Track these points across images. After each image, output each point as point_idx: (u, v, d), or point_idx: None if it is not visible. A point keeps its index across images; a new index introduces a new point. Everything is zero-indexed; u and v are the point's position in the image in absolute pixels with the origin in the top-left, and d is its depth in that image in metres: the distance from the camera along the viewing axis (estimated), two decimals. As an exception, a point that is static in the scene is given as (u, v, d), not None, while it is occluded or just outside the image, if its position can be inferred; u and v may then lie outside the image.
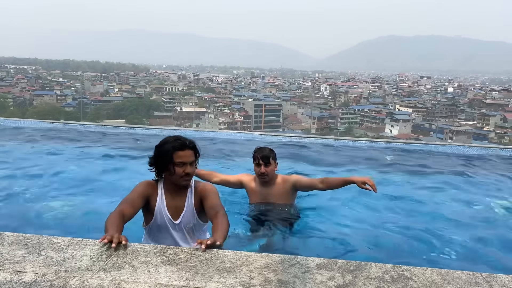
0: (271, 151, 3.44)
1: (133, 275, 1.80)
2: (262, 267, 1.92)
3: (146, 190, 2.51)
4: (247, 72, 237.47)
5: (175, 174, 2.44)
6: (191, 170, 2.46)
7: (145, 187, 2.52)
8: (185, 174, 2.44)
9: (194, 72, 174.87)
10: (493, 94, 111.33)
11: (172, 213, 2.52)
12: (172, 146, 2.43)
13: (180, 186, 2.51)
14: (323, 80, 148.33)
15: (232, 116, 77.11)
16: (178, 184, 2.50)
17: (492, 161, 6.94)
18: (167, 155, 2.43)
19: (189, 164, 2.45)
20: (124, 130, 9.03)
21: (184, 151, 2.43)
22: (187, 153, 2.44)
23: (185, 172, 2.43)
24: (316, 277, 1.84)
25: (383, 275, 1.88)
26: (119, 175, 5.28)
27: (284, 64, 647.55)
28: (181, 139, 2.48)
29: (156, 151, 2.51)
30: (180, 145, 2.44)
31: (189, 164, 2.45)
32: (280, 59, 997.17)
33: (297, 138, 8.36)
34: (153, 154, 2.53)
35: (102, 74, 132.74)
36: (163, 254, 2.01)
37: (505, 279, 1.90)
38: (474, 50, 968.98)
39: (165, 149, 2.44)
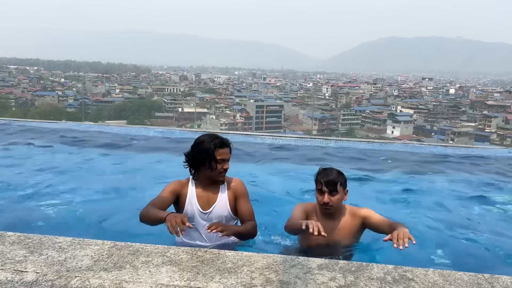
0: (339, 174, 2.68)
1: (134, 275, 1.80)
2: (263, 267, 1.91)
3: (175, 187, 2.67)
4: (249, 73, 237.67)
5: (216, 170, 2.59)
6: (227, 165, 2.64)
7: (174, 185, 2.68)
8: (223, 170, 2.61)
9: (195, 73, 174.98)
10: (495, 96, 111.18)
11: (202, 204, 2.65)
12: (213, 144, 2.58)
13: (215, 181, 2.67)
14: (324, 81, 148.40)
15: (233, 117, 77.13)
16: (215, 180, 2.66)
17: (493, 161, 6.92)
18: (208, 152, 2.57)
19: (227, 161, 2.63)
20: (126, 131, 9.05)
21: (223, 148, 2.60)
22: (226, 151, 2.61)
23: (223, 168, 2.60)
24: (318, 278, 1.84)
25: (385, 276, 1.88)
26: (122, 175, 5.29)
27: (286, 65, 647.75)
28: (219, 137, 2.63)
29: (195, 149, 2.62)
30: (220, 143, 2.59)
31: (227, 161, 2.63)
32: (281, 60, 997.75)
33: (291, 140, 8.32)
34: (190, 152, 2.65)
35: (104, 74, 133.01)
36: (164, 254, 2.01)
37: (507, 280, 1.89)
38: (476, 51, 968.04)
39: (205, 147, 2.58)
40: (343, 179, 2.67)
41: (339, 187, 2.62)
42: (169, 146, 7.32)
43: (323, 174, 2.64)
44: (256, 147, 7.54)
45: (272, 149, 7.40)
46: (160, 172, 5.42)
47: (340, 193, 2.63)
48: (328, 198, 2.59)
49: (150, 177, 5.22)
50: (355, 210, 2.77)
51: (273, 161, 6.48)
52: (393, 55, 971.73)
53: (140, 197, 3.88)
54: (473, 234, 3.54)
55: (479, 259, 3.08)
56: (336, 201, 2.63)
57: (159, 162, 6.22)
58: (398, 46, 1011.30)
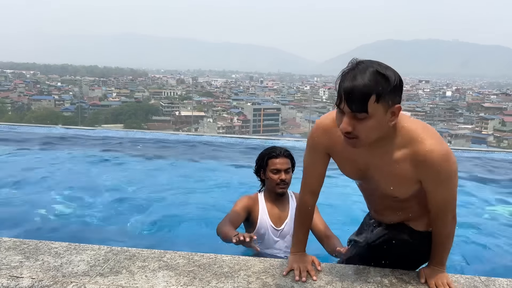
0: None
1: (131, 280, 1.79)
2: (260, 271, 1.91)
3: (247, 203, 2.66)
4: (246, 76, 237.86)
5: (271, 180, 2.60)
6: (286, 177, 2.59)
7: (246, 200, 2.68)
8: (280, 180, 2.57)
9: (192, 76, 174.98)
10: (492, 98, 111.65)
11: (274, 220, 2.64)
12: (267, 153, 2.62)
13: (277, 194, 2.64)
14: (321, 84, 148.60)
15: (230, 120, 77.17)
16: (275, 192, 2.64)
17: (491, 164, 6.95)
18: (262, 162, 2.63)
19: (284, 171, 2.58)
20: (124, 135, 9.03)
21: (278, 158, 2.58)
22: (281, 161, 2.58)
23: (280, 178, 2.57)
24: (314, 282, 1.83)
25: (382, 279, 1.88)
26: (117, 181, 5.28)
27: (283, 68, 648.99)
28: (276, 147, 2.65)
29: (256, 160, 2.70)
30: (274, 152, 2.61)
31: (284, 171, 2.58)
32: (278, 63, 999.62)
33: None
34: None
35: (101, 78, 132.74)
36: (160, 259, 2.00)
37: (504, 283, 1.89)
38: (472, 54, 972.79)
39: (260, 157, 2.66)
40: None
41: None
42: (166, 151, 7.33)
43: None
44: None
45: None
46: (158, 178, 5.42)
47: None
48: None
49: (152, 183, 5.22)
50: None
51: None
52: (390, 58, 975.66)
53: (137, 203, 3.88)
54: (470, 237, 3.55)
55: (476, 261, 3.09)
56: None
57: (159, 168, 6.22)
58: (395, 48, 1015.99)
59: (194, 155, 7.04)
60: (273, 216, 2.63)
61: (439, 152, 1.56)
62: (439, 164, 1.57)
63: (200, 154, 7.07)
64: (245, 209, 2.61)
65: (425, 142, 1.56)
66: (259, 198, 2.67)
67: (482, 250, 3.24)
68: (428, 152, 1.55)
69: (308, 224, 2.03)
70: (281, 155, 2.59)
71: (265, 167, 2.60)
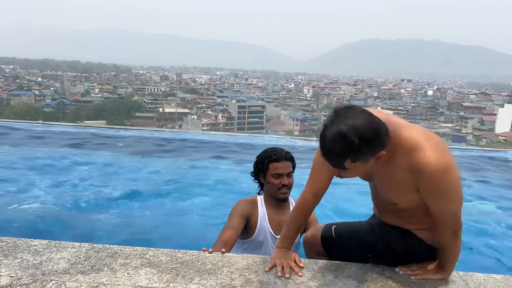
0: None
1: (112, 278, 1.77)
2: (243, 268, 1.92)
3: (245, 209, 2.46)
4: (230, 73, 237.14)
5: (272, 185, 2.43)
6: (288, 181, 2.44)
7: (243, 206, 2.47)
8: (282, 185, 2.42)
9: (176, 73, 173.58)
10: (471, 97, 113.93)
11: (274, 228, 2.47)
12: (267, 156, 2.44)
13: (279, 199, 2.48)
14: (306, 82, 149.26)
15: (215, 118, 76.83)
16: (277, 197, 2.47)
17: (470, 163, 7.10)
18: (262, 166, 2.45)
19: (286, 175, 2.43)
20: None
21: (280, 162, 2.42)
22: (283, 165, 2.42)
23: (282, 183, 2.41)
24: (297, 278, 1.85)
25: (363, 275, 1.90)
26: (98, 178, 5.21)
27: (268, 66, 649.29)
28: (277, 150, 2.47)
29: (254, 163, 2.51)
30: (276, 156, 2.43)
31: (286, 176, 2.43)
32: (263, 61, 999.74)
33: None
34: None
35: (83, 74, 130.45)
36: (143, 256, 1.99)
37: (481, 278, 1.94)
38: (453, 54, 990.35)
39: (260, 160, 2.47)
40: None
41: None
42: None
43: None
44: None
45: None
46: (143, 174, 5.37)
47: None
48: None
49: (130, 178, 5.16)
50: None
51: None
52: (373, 57, 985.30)
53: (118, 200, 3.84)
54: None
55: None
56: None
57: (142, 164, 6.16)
58: (379, 47, 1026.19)
59: (178, 152, 7.00)
60: (273, 223, 2.45)
61: (437, 163, 1.55)
62: (435, 176, 1.55)
63: (183, 151, 7.03)
64: (243, 217, 2.42)
65: (424, 153, 1.56)
66: (259, 202, 2.50)
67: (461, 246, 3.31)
68: (425, 163, 1.55)
69: (301, 223, 2.01)
70: (282, 158, 2.42)
71: (265, 171, 2.43)
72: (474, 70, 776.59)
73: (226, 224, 2.39)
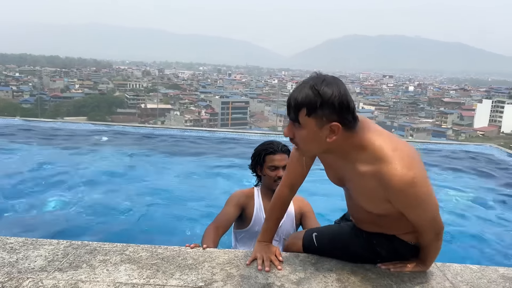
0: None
1: (91, 274, 1.75)
2: (224, 262, 1.91)
3: (240, 199, 2.52)
4: (214, 68, 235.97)
5: (268, 177, 2.49)
6: (283, 173, 2.44)
7: (239, 197, 2.53)
8: (278, 177, 2.46)
9: (158, 68, 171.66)
10: (451, 93, 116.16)
11: None
12: (264, 149, 2.50)
13: (275, 191, 2.48)
14: (289, 78, 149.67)
15: (198, 114, 76.44)
16: (273, 189, 2.47)
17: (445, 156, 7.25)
18: (259, 158, 2.51)
19: (282, 168, 2.47)
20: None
21: (276, 155, 2.47)
22: (279, 157, 2.47)
23: (277, 175, 2.46)
24: (278, 271, 1.85)
25: (344, 267, 1.92)
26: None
27: (251, 61, 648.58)
28: (273, 143, 2.53)
29: (252, 156, 2.57)
30: (272, 148, 2.49)
31: (282, 168, 2.46)
32: (246, 56, 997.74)
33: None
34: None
35: (62, 69, 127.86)
36: (123, 253, 1.96)
37: (458, 268, 1.99)
38: (433, 50, 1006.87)
39: (257, 153, 2.53)
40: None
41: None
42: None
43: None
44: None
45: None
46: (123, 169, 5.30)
47: None
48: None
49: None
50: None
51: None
52: (356, 53, 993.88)
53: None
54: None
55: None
56: None
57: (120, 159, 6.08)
58: (361, 44, 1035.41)
59: (158, 147, 6.94)
60: None
61: (403, 177, 1.49)
62: (403, 189, 1.51)
63: (164, 147, 6.98)
64: (238, 206, 2.48)
65: (390, 165, 1.51)
66: (255, 194, 2.56)
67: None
68: (391, 176, 1.50)
69: (279, 216, 2.04)
70: (278, 151, 2.49)
71: (262, 164, 2.50)
72: (453, 66, 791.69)
73: (221, 211, 2.45)
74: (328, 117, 1.49)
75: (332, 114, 1.48)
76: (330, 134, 1.52)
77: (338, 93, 1.47)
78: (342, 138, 1.53)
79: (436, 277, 1.89)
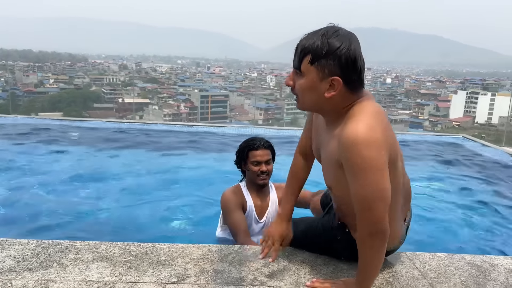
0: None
1: (62, 274, 1.72)
2: (198, 258, 1.92)
3: (236, 200, 2.59)
4: (192, 62, 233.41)
5: (252, 172, 2.57)
6: (266, 168, 2.57)
7: (235, 197, 2.59)
8: (261, 172, 2.56)
9: (136, 62, 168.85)
10: (427, 85, 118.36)
11: (258, 212, 2.63)
12: (247, 145, 2.58)
13: (258, 185, 2.61)
14: (269, 71, 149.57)
15: (177, 108, 75.68)
16: (257, 183, 2.61)
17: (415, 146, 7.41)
18: (242, 154, 2.59)
19: (264, 162, 2.57)
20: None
21: (258, 150, 2.56)
22: (262, 152, 2.56)
23: (260, 170, 2.56)
24: (252, 265, 1.87)
25: (316, 259, 1.95)
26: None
27: (230, 54, 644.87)
28: (256, 139, 2.61)
29: (236, 152, 2.65)
30: (254, 144, 2.57)
31: (265, 163, 2.57)
32: (225, 49, 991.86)
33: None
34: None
35: (36, 64, 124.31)
36: (95, 251, 1.94)
37: (426, 257, 2.04)
38: (410, 43, 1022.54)
39: (241, 149, 2.61)
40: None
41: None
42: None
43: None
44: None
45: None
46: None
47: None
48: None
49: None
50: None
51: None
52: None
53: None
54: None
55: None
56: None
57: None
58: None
59: (135, 142, 6.85)
60: (257, 208, 2.63)
61: (357, 132, 1.36)
62: (352, 145, 1.36)
63: (139, 142, 6.89)
64: (240, 207, 2.57)
65: (353, 123, 1.41)
66: (244, 191, 2.64)
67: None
68: (346, 133, 1.39)
69: (295, 186, 1.93)
70: (261, 146, 2.57)
71: (245, 159, 2.58)
72: (429, 58, 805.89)
73: (233, 220, 2.51)
74: (331, 70, 1.41)
75: (336, 67, 1.41)
76: (329, 89, 1.44)
77: (347, 47, 1.40)
78: (340, 97, 1.45)
79: (405, 265, 1.94)
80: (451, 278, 1.84)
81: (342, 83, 1.42)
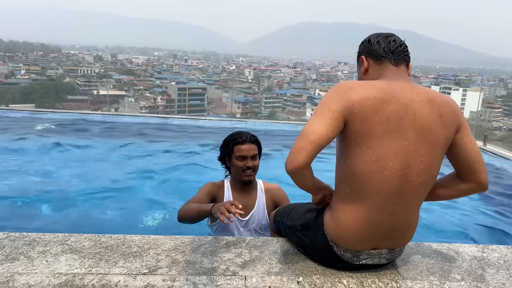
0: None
1: (29, 266, 1.69)
2: (170, 249, 1.91)
3: (211, 189, 2.50)
4: (169, 54, 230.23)
5: (236, 167, 2.45)
6: (252, 163, 2.46)
7: (210, 187, 2.51)
8: (246, 168, 2.44)
9: (111, 53, 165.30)
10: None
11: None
12: (232, 139, 2.46)
13: (244, 182, 2.49)
14: (247, 64, 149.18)
15: (154, 100, 74.63)
16: (242, 180, 2.48)
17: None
18: (227, 149, 2.47)
19: (250, 157, 2.45)
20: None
21: (244, 144, 2.44)
22: (248, 147, 2.45)
23: (246, 165, 2.43)
24: (224, 255, 1.88)
25: (288, 249, 1.98)
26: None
27: (207, 46, 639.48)
28: (242, 133, 2.50)
29: (220, 147, 2.54)
30: (240, 138, 2.46)
31: (250, 158, 2.45)
32: (202, 41, 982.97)
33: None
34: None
35: (6, 53, 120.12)
36: (64, 243, 1.91)
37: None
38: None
39: (225, 144, 2.49)
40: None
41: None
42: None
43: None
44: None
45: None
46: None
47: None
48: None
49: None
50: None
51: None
52: (311, 40, 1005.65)
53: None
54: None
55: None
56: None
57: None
58: (317, 30, 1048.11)
59: (110, 134, 6.74)
60: None
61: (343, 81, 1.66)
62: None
63: (115, 134, 6.79)
64: (209, 195, 2.45)
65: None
66: (225, 185, 2.53)
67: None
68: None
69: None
70: (247, 141, 2.45)
71: (230, 154, 2.46)
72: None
73: (192, 197, 2.44)
74: (361, 52, 1.73)
75: (364, 49, 1.71)
76: (361, 67, 1.72)
77: (378, 36, 1.69)
78: (371, 70, 1.69)
79: (374, 254, 1.98)
80: (418, 266, 1.89)
81: (365, 57, 1.70)
